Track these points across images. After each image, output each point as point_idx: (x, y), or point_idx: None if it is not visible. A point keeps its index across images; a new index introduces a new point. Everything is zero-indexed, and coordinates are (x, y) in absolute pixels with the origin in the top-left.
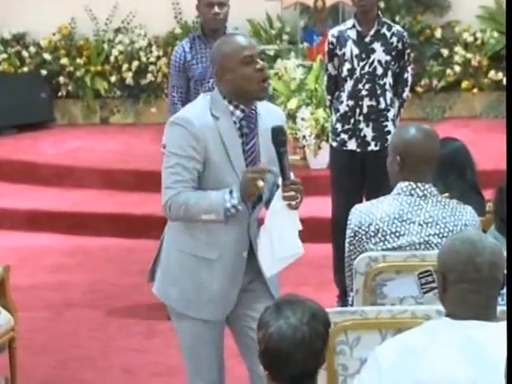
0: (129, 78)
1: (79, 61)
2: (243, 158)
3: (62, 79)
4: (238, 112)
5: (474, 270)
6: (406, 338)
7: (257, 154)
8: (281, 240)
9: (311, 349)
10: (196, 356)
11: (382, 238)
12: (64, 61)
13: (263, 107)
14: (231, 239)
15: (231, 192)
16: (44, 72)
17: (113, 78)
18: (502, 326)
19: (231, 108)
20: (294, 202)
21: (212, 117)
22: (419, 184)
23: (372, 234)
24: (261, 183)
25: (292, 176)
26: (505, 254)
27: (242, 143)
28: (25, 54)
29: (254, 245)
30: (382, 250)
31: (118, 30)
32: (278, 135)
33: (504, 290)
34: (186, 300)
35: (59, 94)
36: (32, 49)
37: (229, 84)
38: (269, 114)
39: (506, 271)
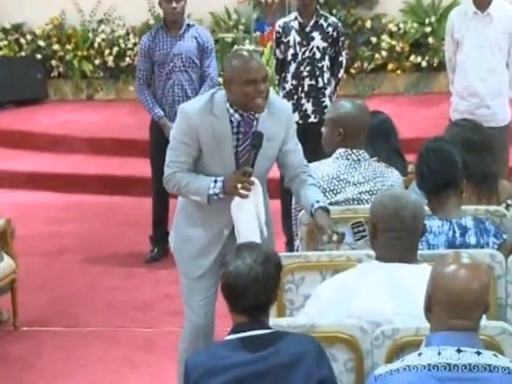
0: (110, 61)
1: (68, 47)
2: (234, 156)
3: (54, 62)
4: (236, 115)
5: (399, 221)
6: (342, 277)
7: (250, 155)
8: (238, 230)
9: (263, 286)
10: (186, 302)
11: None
12: (56, 47)
13: (268, 111)
14: (213, 218)
15: (215, 181)
16: (39, 56)
17: (97, 61)
18: (422, 267)
19: (231, 111)
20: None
21: (211, 115)
22: (354, 150)
23: None
24: (240, 188)
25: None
26: (425, 207)
27: (237, 143)
28: (22, 41)
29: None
30: None
31: (101, 21)
32: (254, 139)
33: (430, 239)
34: (176, 255)
35: (52, 74)
36: (28, 36)
37: (231, 93)
38: (271, 118)
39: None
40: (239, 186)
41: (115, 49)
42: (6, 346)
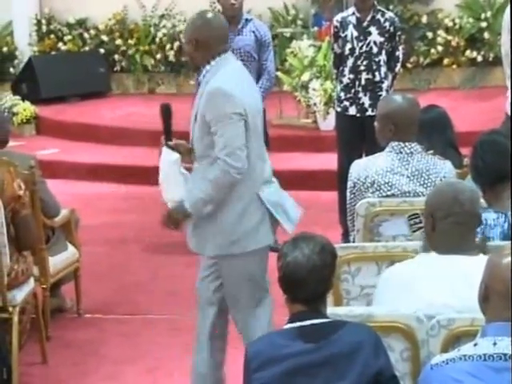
0: (171, 55)
1: (130, 41)
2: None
3: (116, 57)
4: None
5: (459, 205)
6: (402, 270)
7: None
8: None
9: (321, 276)
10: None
11: (378, 188)
12: (118, 41)
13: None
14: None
15: None
16: (102, 51)
17: (158, 56)
18: (481, 259)
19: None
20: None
21: None
22: (407, 143)
23: (369, 184)
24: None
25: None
26: (479, 193)
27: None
28: (86, 35)
29: None
30: (378, 197)
31: (162, 16)
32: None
33: (486, 231)
34: (238, 239)
35: (115, 68)
36: (92, 32)
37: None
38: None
39: None
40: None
41: (176, 43)
42: (70, 333)
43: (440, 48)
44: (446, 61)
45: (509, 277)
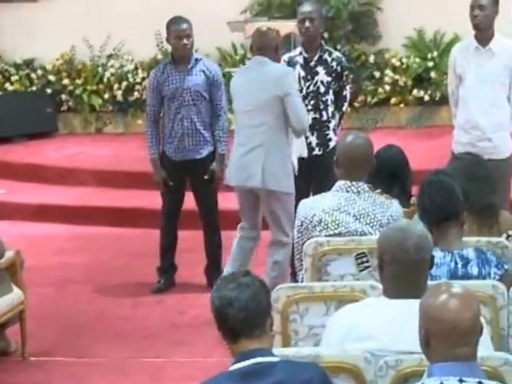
0: (119, 95)
1: (78, 81)
2: None
3: (63, 96)
4: None
5: (403, 253)
6: (352, 320)
7: None
8: None
9: (250, 294)
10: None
11: (325, 226)
12: (65, 81)
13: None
14: None
15: None
16: (49, 90)
17: (106, 96)
18: None
19: None
20: None
21: None
22: (354, 182)
23: (316, 223)
24: None
25: None
26: (430, 238)
27: None
28: (33, 75)
29: None
30: (326, 236)
31: (110, 56)
32: None
33: (432, 270)
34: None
35: (62, 108)
36: (39, 71)
37: None
38: None
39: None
40: None
41: (124, 83)
42: (14, 377)
43: (387, 87)
44: (393, 100)
45: (445, 315)
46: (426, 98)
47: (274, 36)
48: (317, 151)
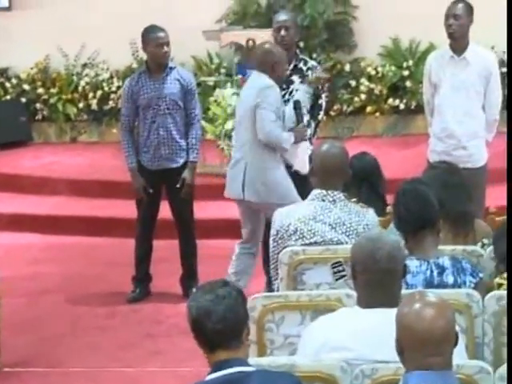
0: (94, 104)
1: (53, 90)
2: None
3: (38, 105)
4: None
5: (374, 263)
6: (326, 324)
7: None
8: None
9: (227, 305)
10: None
11: (301, 235)
12: (40, 90)
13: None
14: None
15: None
16: (23, 99)
17: (81, 105)
18: None
19: None
20: None
21: None
22: (329, 191)
23: (292, 232)
24: None
25: None
26: (402, 247)
27: None
28: (7, 84)
29: None
30: (301, 245)
31: (85, 65)
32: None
33: (408, 279)
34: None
35: (36, 117)
36: (13, 80)
37: None
38: None
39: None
40: None
41: (99, 92)
42: None
43: (363, 96)
44: (368, 109)
45: (417, 324)
46: (402, 106)
47: (272, 53)
48: None
